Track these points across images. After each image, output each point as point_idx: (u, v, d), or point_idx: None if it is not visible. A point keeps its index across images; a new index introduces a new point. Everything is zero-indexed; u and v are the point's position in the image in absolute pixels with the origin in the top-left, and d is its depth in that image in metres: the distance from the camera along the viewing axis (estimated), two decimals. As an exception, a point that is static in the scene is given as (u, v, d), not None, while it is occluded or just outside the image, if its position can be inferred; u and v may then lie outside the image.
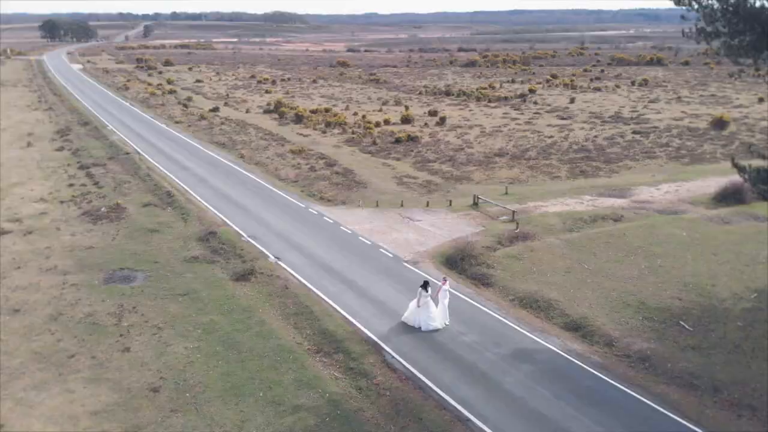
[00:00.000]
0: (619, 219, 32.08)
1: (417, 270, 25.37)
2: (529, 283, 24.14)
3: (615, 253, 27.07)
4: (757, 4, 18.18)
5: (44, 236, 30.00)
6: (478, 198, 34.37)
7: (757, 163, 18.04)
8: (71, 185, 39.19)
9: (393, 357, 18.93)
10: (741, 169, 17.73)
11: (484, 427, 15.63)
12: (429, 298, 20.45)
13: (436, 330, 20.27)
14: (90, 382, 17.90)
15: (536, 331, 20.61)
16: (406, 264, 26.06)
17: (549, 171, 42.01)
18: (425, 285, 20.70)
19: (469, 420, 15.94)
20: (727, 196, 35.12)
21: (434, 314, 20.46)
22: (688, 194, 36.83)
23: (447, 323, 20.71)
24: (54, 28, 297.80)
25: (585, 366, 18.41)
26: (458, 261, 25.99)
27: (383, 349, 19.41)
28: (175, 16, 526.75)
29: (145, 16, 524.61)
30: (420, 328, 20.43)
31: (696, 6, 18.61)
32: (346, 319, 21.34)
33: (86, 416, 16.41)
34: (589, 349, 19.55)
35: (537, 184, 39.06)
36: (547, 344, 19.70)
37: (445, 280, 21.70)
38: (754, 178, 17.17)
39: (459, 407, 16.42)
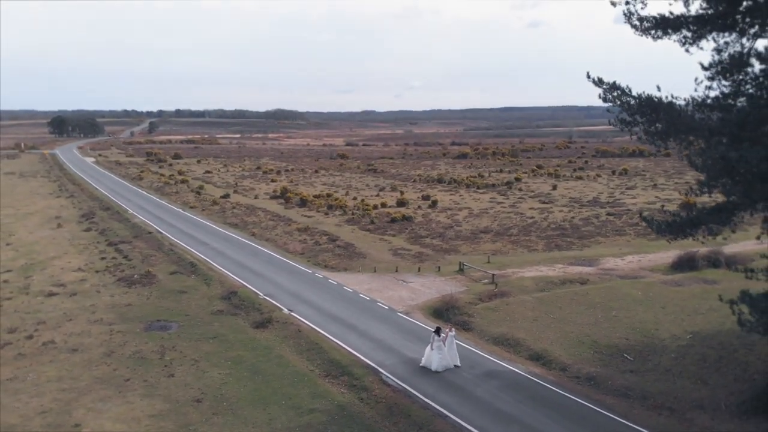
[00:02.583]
0: (585, 282, 36.94)
1: (409, 318, 30.20)
2: (502, 327, 28.86)
3: (577, 307, 31.87)
4: (666, 99, 23.89)
5: (87, 297, 34.78)
6: (463, 264, 39.46)
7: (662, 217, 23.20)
8: (103, 258, 44.19)
9: (387, 377, 23.52)
10: (647, 221, 22.88)
11: (458, 420, 20.12)
12: (440, 342, 24.41)
13: (446, 369, 23.96)
14: (145, 396, 22.36)
15: (505, 360, 25.24)
16: (399, 314, 30.86)
17: (528, 245, 47.22)
18: (437, 331, 24.70)
19: (447, 416, 20.43)
20: (682, 264, 40.25)
21: (445, 356, 24.27)
22: (649, 263, 41.85)
23: (458, 364, 24.38)
24: (62, 124, 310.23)
25: (541, 382, 23.00)
26: (444, 311, 30.78)
27: (380, 371, 24.01)
28: (179, 113, 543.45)
29: (149, 113, 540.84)
30: (431, 368, 24.07)
31: (618, 102, 24.29)
32: (350, 352, 25.97)
33: (146, 418, 20.81)
34: (547, 372, 24.15)
35: (516, 255, 44.13)
36: (512, 368, 24.32)
37: (452, 328, 25.94)
38: (657, 228, 22.28)
39: (439, 408, 20.95)
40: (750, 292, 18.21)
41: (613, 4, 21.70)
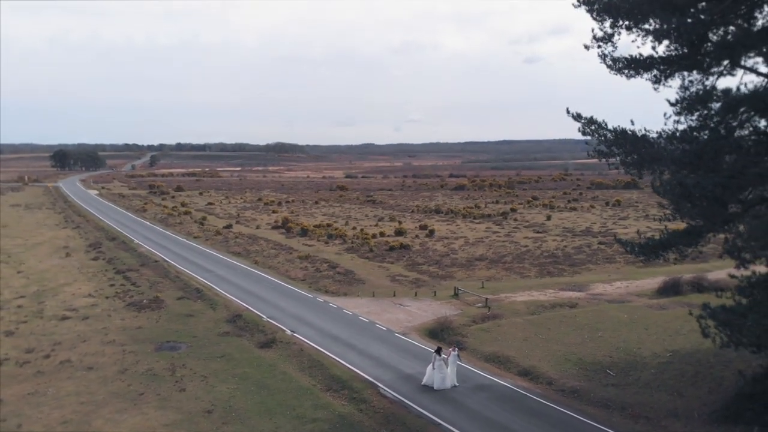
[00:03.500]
0: (574, 306, 38.68)
1: (406, 338, 31.94)
2: (493, 346, 30.58)
3: (566, 328, 33.59)
4: (639, 132, 25.94)
5: (99, 320, 36.47)
6: (458, 289, 41.27)
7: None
8: (112, 285, 45.94)
9: (385, 390, 25.22)
10: (622, 243, 24.82)
11: (451, 428, 21.80)
12: (442, 361, 25.79)
13: (447, 388, 25.19)
14: (159, 408, 24.00)
15: (495, 375, 26.96)
16: (397, 334, 32.62)
17: (521, 272, 49.06)
18: (438, 350, 26.14)
19: (440, 424, 22.12)
20: (667, 290, 42.07)
21: (447, 376, 25.61)
22: (637, 289, 43.64)
23: (456, 384, 25.72)
24: (64, 158, 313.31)
25: (528, 394, 24.70)
26: (439, 332, 32.53)
27: (377, 385, 25.71)
28: (179, 146, 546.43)
29: (150, 147, 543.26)
30: (434, 386, 25.34)
31: (597, 135, 26.37)
32: (350, 368, 27.68)
33: (160, 427, 22.44)
34: (534, 385, 25.84)
35: (510, 281, 45.94)
36: (502, 382, 26.03)
37: (455, 348, 27.43)
38: (631, 249, 24.16)
39: (433, 417, 22.64)
40: (710, 305, 20.04)
41: (587, 47, 23.95)
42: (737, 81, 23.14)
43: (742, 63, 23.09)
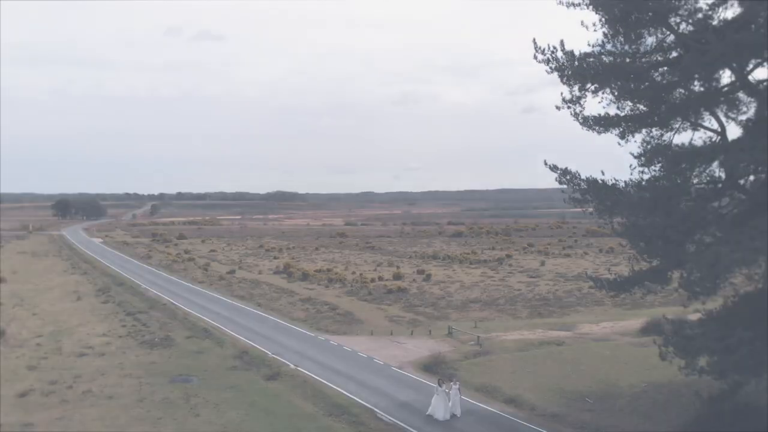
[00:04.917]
0: (561, 343, 41.18)
1: (401, 371, 34.51)
2: (483, 378, 33.08)
3: (551, 363, 36.10)
4: (609, 182, 28.97)
5: (115, 357, 38.91)
6: (452, 328, 43.85)
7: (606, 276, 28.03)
8: (124, 326, 48.40)
9: (381, 414, 27.74)
10: (593, 280, 27.62)
11: (440, 445, 24.28)
12: (444, 392, 27.94)
13: (449, 419, 27.18)
14: (176, 430, 26.43)
15: (483, 402, 29.49)
16: (393, 368, 35.18)
17: (513, 313, 51.67)
18: (439, 382, 28.39)
19: (431, 442, 24.61)
20: (650, 329, 44.48)
21: (449, 406, 27.60)
22: (621, 329, 46.16)
23: (458, 414, 27.66)
24: (66, 207, 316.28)
25: (512, 418, 27.24)
26: (433, 366, 35.08)
27: (375, 411, 28.22)
28: (180, 195, 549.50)
29: (150, 196, 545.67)
30: (435, 416, 27.33)
31: (571, 184, 29.39)
32: (349, 397, 30.19)
33: (178, 446, 24.89)
34: (518, 411, 28.35)
35: (502, 321, 48.51)
36: (489, 408, 28.54)
37: (456, 382, 29.34)
38: (600, 285, 26.96)
39: (425, 436, 25.14)
40: (664, 333, 22.77)
41: (558, 108, 27.20)
42: (690, 136, 26.41)
43: (698, 120, 26.37)
